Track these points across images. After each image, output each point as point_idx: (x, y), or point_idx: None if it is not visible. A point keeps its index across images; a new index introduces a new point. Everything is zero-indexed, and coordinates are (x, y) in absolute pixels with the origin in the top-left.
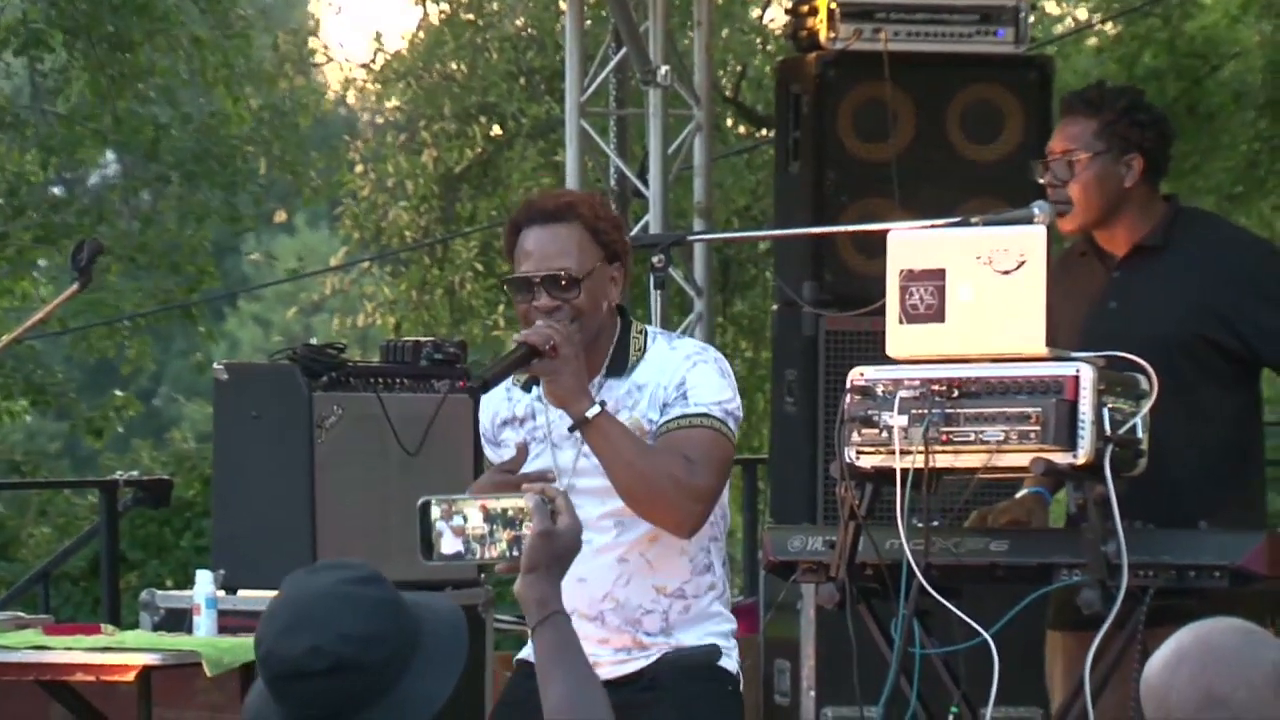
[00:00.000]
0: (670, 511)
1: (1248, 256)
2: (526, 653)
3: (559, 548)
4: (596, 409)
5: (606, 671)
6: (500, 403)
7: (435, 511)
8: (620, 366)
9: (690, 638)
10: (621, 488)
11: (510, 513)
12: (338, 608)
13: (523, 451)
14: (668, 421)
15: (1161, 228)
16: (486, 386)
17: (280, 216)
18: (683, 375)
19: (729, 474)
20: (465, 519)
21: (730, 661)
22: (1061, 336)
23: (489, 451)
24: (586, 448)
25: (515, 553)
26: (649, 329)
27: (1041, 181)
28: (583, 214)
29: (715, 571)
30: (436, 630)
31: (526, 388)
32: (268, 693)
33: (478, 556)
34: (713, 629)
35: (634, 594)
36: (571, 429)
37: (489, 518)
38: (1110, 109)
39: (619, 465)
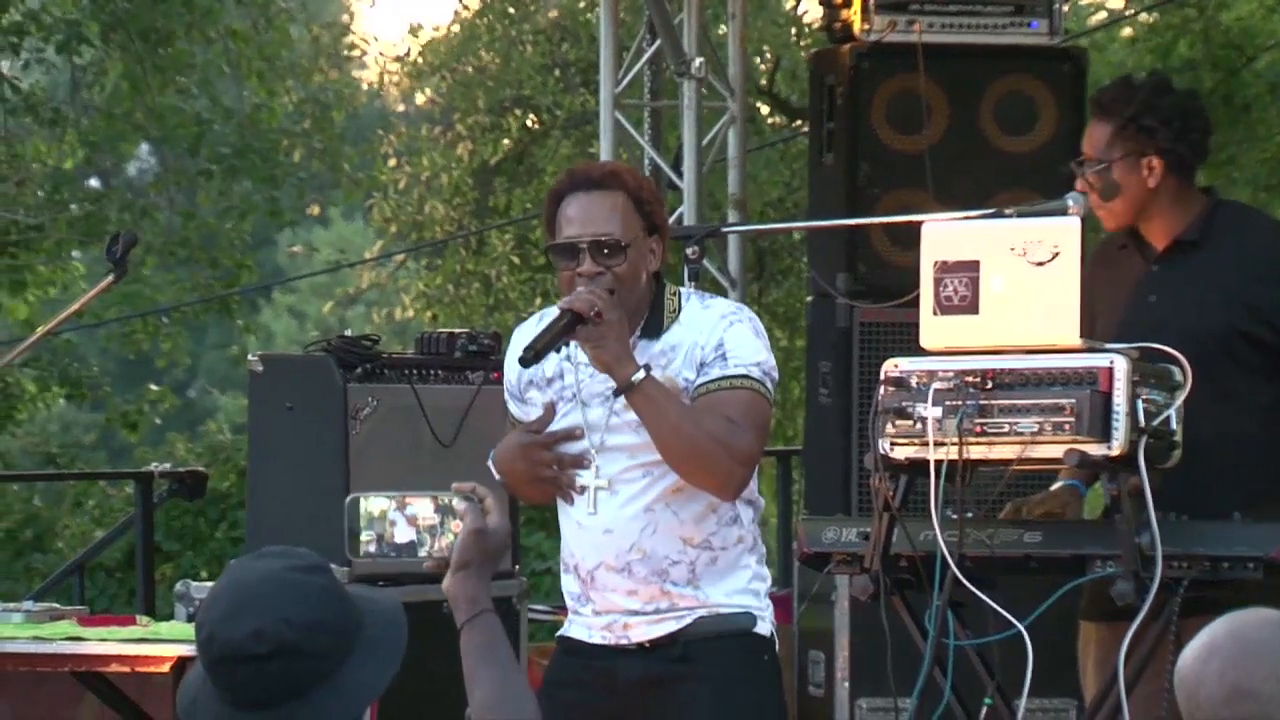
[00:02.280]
0: (715, 474)
1: None
2: (565, 628)
3: (490, 546)
4: (641, 374)
5: (639, 634)
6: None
7: (383, 504)
8: (655, 327)
9: (720, 593)
10: (666, 451)
11: (447, 508)
12: (281, 593)
13: (550, 411)
14: (708, 382)
15: (1199, 223)
16: (538, 357)
17: (314, 209)
18: (720, 336)
19: (769, 434)
20: (417, 511)
21: (764, 625)
22: (1100, 329)
23: (513, 407)
24: (618, 405)
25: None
26: (681, 290)
27: (1077, 187)
28: (626, 183)
29: (743, 524)
30: (378, 622)
31: (529, 366)
32: (206, 677)
33: (429, 548)
34: (743, 584)
35: (660, 544)
36: (616, 393)
37: (439, 510)
38: (1123, 113)
39: (664, 428)
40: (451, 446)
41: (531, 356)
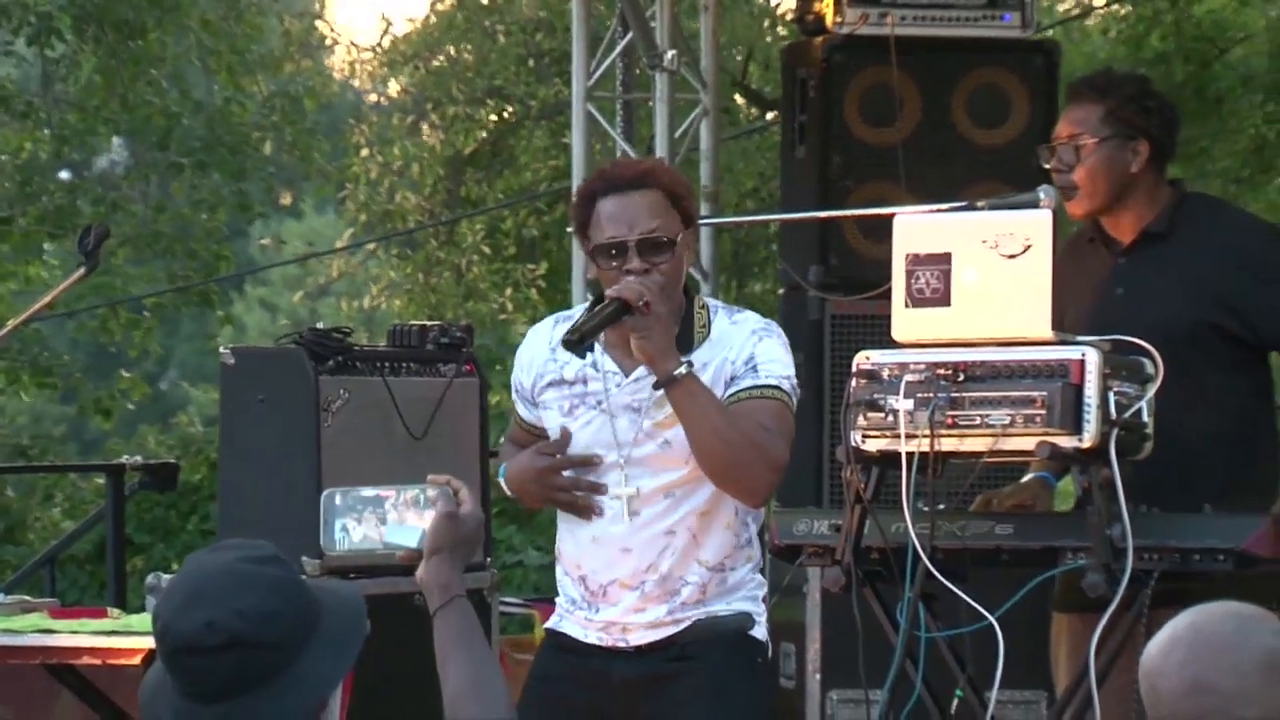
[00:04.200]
0: (748, 477)
1: (1253, 241)
2: (554, 622)
3: (463, 532)
4: (684, 368)
5: (638, 638)
6: (545, 363)
7: (341, 501)
8: (686, 342)
9: (721, 603)
10: (703, 450)
11: (421, 498)
12: (235, 585)
13: (566, 435)
14: (739, 391)
15: (1167, 214)
16: (582, 342)
17: (286, 199)
18: (751, 350)
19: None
20: (381, 505)
21: (760, 630)
22: (1069, 322)
23: (522, 409)
24: (645, 421)
25: (424, 535)
26: (709, 302)
27: (1047, 167)
28: (662, 180)
29: (754, 544)
30: (337, 613)
31: (573, 350)
32: (164, 669)
33: (392, 541)
34: (742, 593)
35: (677, 567)
36: (656, 386)
37: (402, 503)
38: (1117, 94)
39: (704, 426)
40: (423, 439)
41: (577, 339)
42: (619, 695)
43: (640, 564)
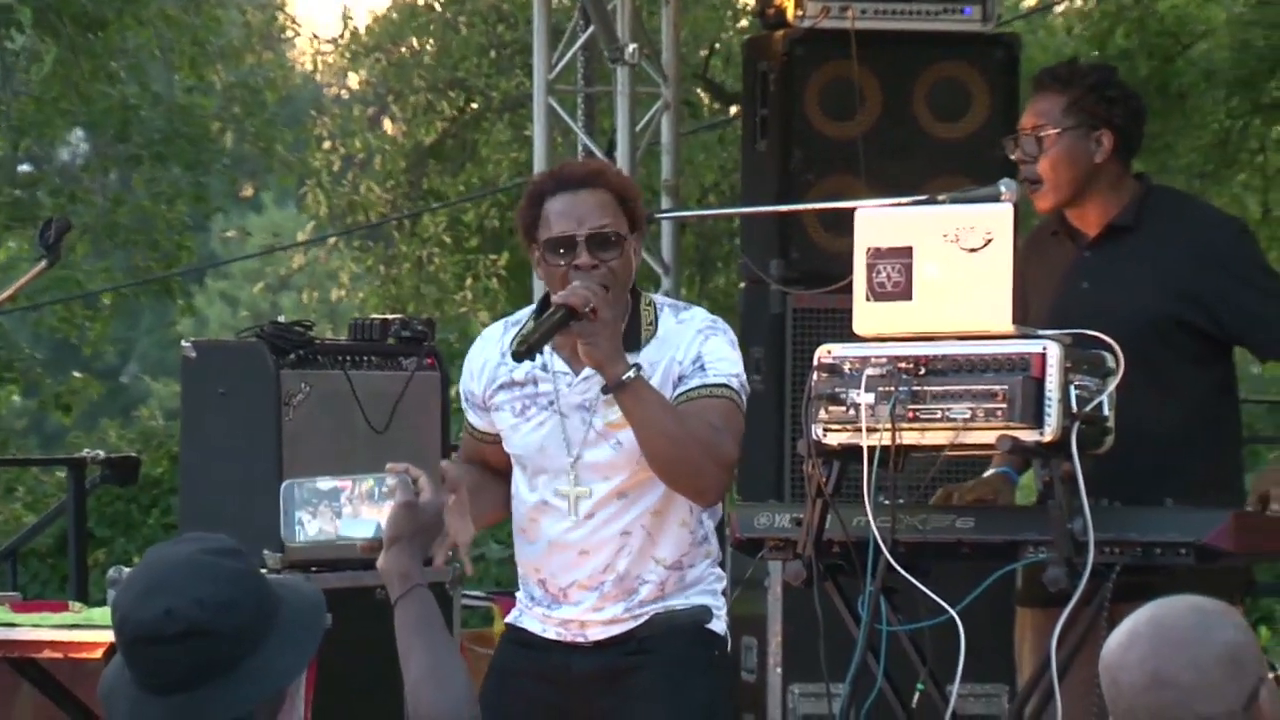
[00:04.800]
0: (698, 477)
1: (1218, 236)
2: (514, 616)
3: (422, 520)
4: (633, 372)
5: (596, 633)
6: (496, 367)
7: (300, 493)
8: (634, 341)
9: (680, 599)
10: (652, 452)
11: (377, 490)
12: (195, 575)
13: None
14: (688, 390)
15: (1133, 207)
16: (531, 352)
17: (247, 191)
18: (698, 349)
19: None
20: (337, 498)
21: (719, 624)
22: (1033, 316)
23: (474, 417)
24: (596, 420)
25: (382, 526)
26: (656, 299)
27: (1012, 158)
28: (611, 182)
29: (711, 540)
30: (296, 607)
31: (522, 360)
32: (123, 662)
33: (349, 533)
34: (703, 588)
35: (635, 566)
36: (605, 390)
37: (359, 494)
38: (1080, 84)
39: (653, 429)
40: (385, 433)
41: (525, 350)
42: (577, 689)
43: (598, 565)
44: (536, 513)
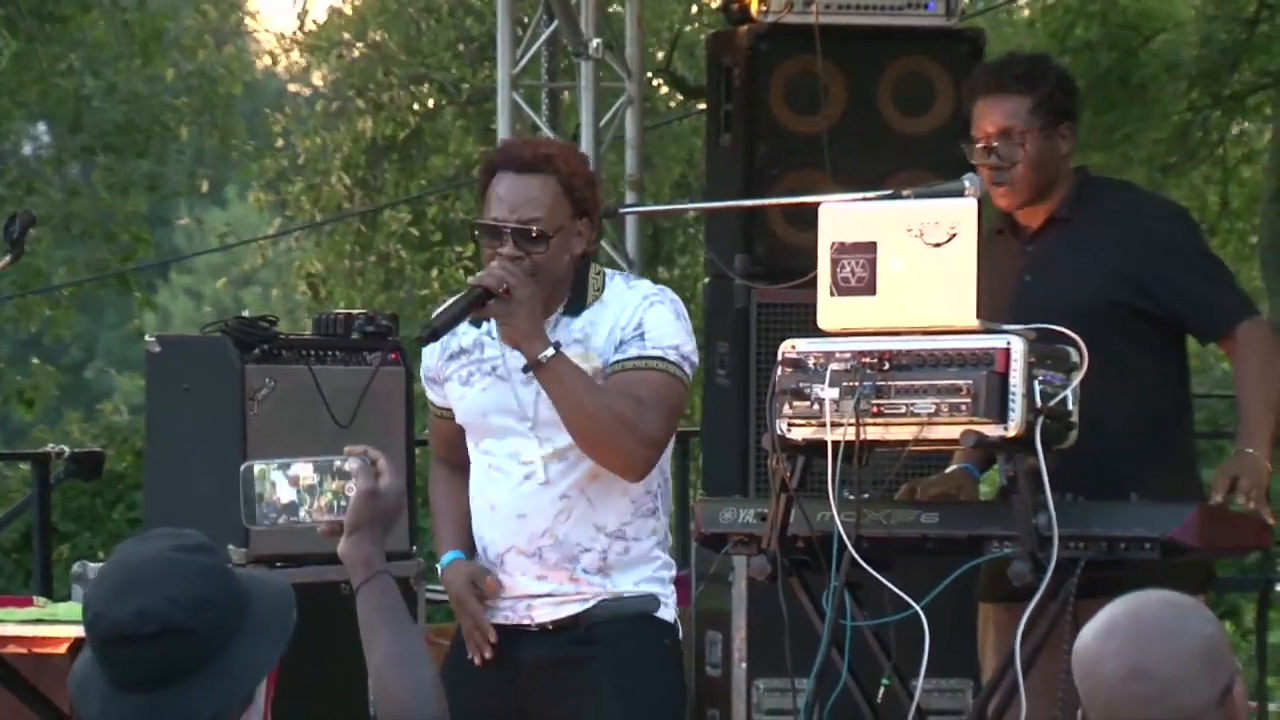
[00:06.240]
0: (619, 454)
1: (1156, 220)
2: None
3: (383, 507)
4: (550, 351)
5: (542, 615)
6: (446, 339)
7: (262, 466)
8: (578, 305)
9: (628, 582)
10: (573, 428)
11: (337, 467)
12: (166, 573)
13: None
14: (622, 360)
15: (1071, 198)
16: (436, 335)
17: (204, 187)
18: (640, 316)
19: (679, 418)
20: (298, 471)
21: (668, 611)
22: (984, 314)
23: (434, 395)
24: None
25: (342, 504)
26: (607, 270)
27: (984, 164)
28: (559, 168)
29: (659, 517)
30: (266, 601)
31: (475, 323)
32: (94, 659)
33: (308, 507)
34: (650, 574)
35: (573, 531)
36: (525, 369)
37: (318, 469)
38: (1045, 83)
39: (571, 407)
40: (349, 427)
41: (429, 335)
42: (527, 678)
43: (536, 528)
44: (482, 478)
